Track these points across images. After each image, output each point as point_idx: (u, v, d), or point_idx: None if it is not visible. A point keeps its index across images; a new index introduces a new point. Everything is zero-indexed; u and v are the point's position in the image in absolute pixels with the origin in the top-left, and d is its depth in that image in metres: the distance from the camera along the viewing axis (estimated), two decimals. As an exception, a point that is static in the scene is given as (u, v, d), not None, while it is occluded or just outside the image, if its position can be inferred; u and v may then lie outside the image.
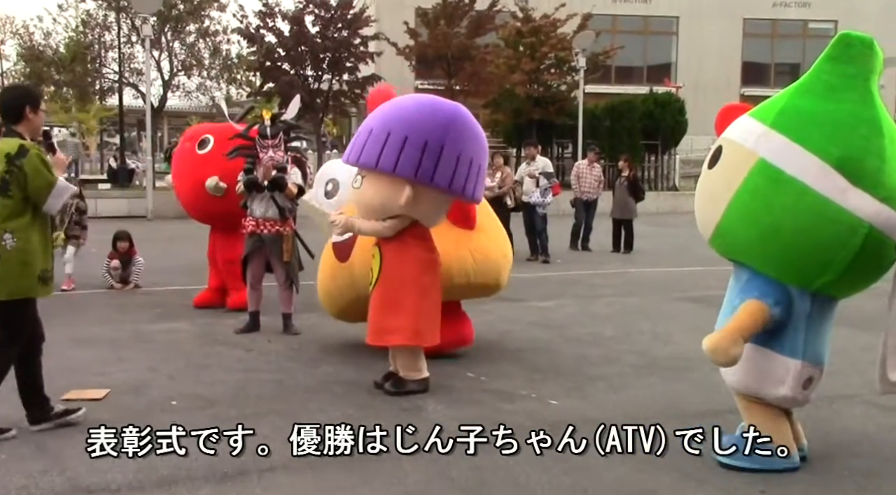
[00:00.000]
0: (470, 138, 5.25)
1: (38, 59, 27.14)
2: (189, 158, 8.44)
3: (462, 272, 6.13)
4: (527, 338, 7.49)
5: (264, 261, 7.44)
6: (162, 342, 7.12)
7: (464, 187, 5.21)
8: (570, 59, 27.71)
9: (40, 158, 4.52)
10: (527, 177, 13.43)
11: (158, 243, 14.31)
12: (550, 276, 11.64)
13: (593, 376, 6.12)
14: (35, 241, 4.54)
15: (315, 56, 26.53)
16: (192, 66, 29.14)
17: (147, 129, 23.59)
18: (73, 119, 37.30)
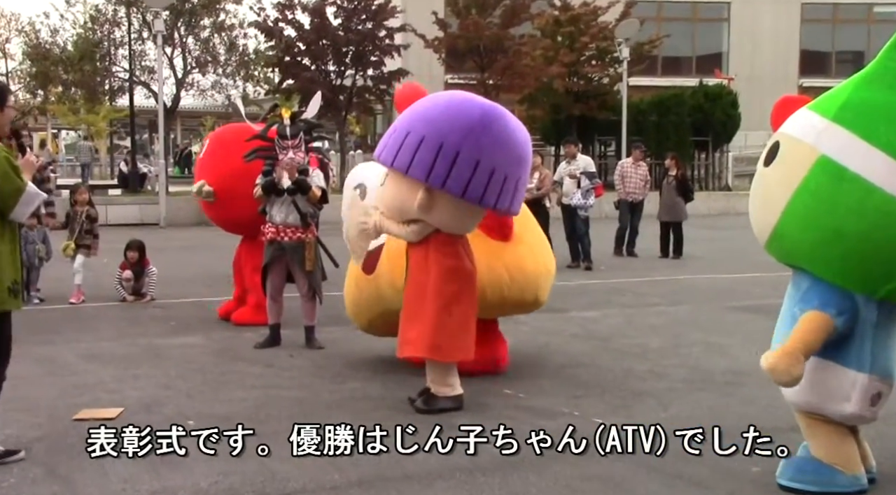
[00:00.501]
0: (495, 146, 5.12)
1: (44, 58, 27.62)
2: None
3: (495, 288, 6.11)
4: (568, 352, 7.47)
5: (285, 270, 7.50)
6: (177, 357, 7.20)
7: (482, 197, 5.18)
8: (612, 50, 27.64)
9: (7, 161, 4.43)
10: (567, 178, 13.40)
11: (172, 252, 14.47)
12: (593, 284, 11.60)
13: (640, 392, 6.10)
14: (4, 251, 4.50)
15: (337, 50, 26.70)
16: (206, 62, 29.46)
17: (159, 131, 23.84)
18: (82, 121, 37.91)
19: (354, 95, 27.48)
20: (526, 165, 5.37)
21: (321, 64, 27.14)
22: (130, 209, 21.21)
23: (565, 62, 27.19)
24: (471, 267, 5.54)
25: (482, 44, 27.55)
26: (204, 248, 15.09)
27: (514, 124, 5.32)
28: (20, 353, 6.82)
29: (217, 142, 8.86)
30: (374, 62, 27.38)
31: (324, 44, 26.78)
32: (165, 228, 19.85)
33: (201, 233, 16.30)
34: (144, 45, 29.33)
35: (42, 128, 41.24)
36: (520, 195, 5.40)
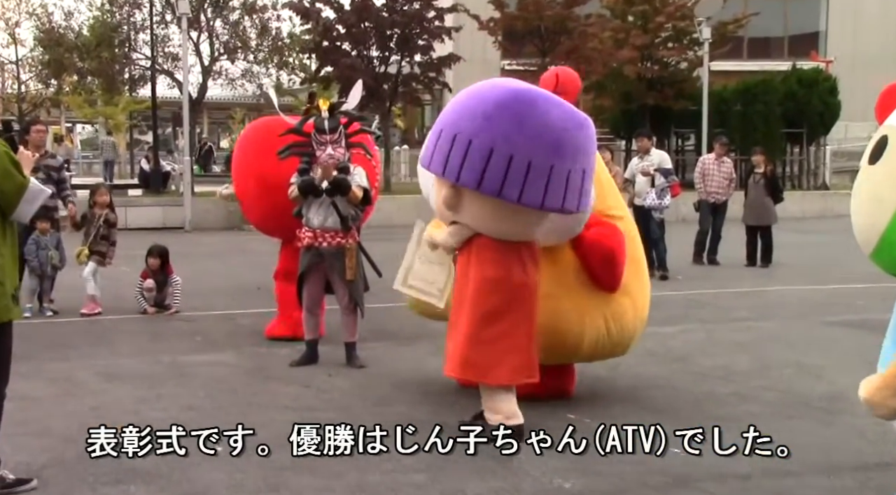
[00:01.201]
0: (513, 130, 5.02)
1: (58, 44, 28.12)
2: None
3: (592, 342, 6.13)
4: (640, 372, 7.42)
5: (323, 279, 7.55)
6: (204, 376, 7.29)
7: (500, 189, 5.12)
8: (691, 31, 27.41)
9: (8, 156, 4.48)
10: (639, 176, 13.33)
11: (199, 259, 14.66)
12: (669, 296, 11.51)
13: (723, 418, 6.01)
14: (7, 255, 4.57)
15: (381, 33, 26.84)
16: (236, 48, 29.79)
17: (184, 124, 24.15)
18: (99, 113, 38.63)
19: (400, 84, 27.59)
20: (563, 153, 5.11)
21: (363, 49, 27.30)
22: (152, 211, 21.52)
23: (637, 45, 27.05)
24: (522, 278, 5.46)
25: (543, 25, 27.51)
26: (234, 255, 15.27)
27: (543, 107, 5.14)
28: (31, 371, 7.01)
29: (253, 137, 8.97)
30: (422, 47, 27.45)
31: (366, 26, 26.94)
32: (191, 233, 20.13)
33: (230, 237, 16.51)
34: (168, 29, 29.76)
35: (55, 121, 42.13)
36: (557, 188, 5.11)
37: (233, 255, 15.30)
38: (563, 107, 5.23)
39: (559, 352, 6.12)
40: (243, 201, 8.83)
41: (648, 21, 27.37)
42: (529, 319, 5.51)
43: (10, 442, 5.08)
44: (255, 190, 8.48)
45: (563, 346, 6.07)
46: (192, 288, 10.92)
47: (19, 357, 4.89)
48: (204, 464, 4.86)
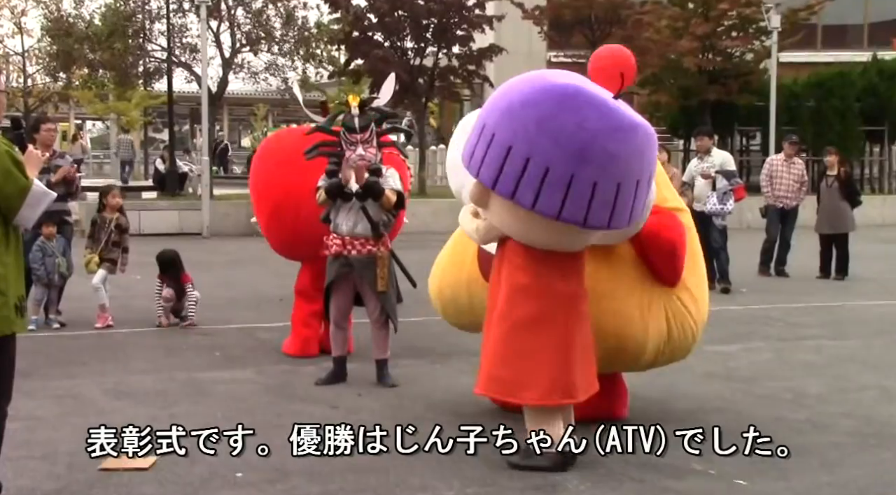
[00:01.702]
0: (533, 129, 4.95)
1: (67, 35, 28.40)
2: None
3: (655, 345, 6.09)
4: (700, 395, 7.38)
5: (352, 290, 7.58)
6: (222, 395, 7.33)
7: (514, 192, 5.02)
8: (758, 18, 27.22)
9: (10, 156, 4.50)
10: (699, 178, 13.26)
11: (217, 268, 14.76)
12: (732, 311, 11.44)
13: (796, 448, 5.96)
14: (10, 264, 4.60)
15: (416, 23, 26.91)
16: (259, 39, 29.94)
17: (203, 121, 24.32)
18: (111, 109, 38.98)
19: (437, 78, 27.64)
20: (588, 161, 4.93)
21: (396, 40, 27.38)
22: (168, 216, 21.70)
23: (698, 34, 26.91)
24: (561, 287, 5.41)
25: (594, 13, 27.48)
26: (255, 263, 15.35)
27: (573, 107, 4.97)
28: (37, 389, 7.09)
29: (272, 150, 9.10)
30: (461, 37, 27.48)
31: (400, 15, 27.02)
32: (209, 239, 20.28)
33: (251, 244, 16.59)
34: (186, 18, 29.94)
35: (64, 117, 42.63)
36: (578, 200, 4.96)
37: (254, 264, 15.38)
38: (603, 109, 4.98)
39: (619, 358, 6.08)
40: (262, 224, 8.97)
41: (710, 8, 27.21)
42: (569, 332, 5.43)
43: (11, 466, 5.13)
44: (272, 216, 8.68)
45: (624, 351, 6.03)
46: (211, 298, 11.00)
47: (23, 373, 4.95)
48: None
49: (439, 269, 6.94)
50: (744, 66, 28.19)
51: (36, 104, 35.79)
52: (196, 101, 31.25)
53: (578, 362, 5.46)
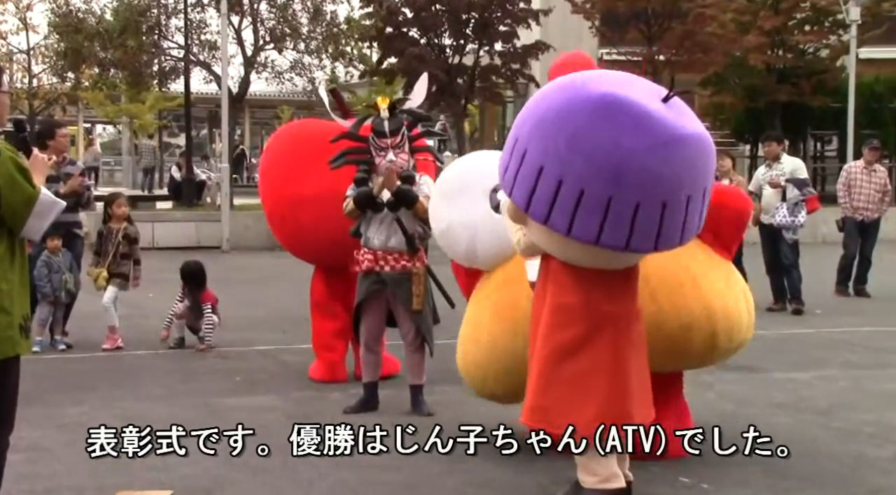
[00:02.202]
0: (567, 147, 4.81)
1: (76, 31, 28.63)
2: None
3: (748, 315, 6.34)
4: (770, 427, 7.20)
5: (385, 310, 7.59)
6: (243, 423, 7.33)
7: (547, 216, 4.94)
8: (834, 10, 27.09)
9: (15, 163, 4.51)
10: (767, 187, 13.18)
11: (237, 285, 14.83)
12: (806, 335, 11.37)
13: (880, 490, 5.92)
14: (14, 281, 4.61)
15: (456, 18, 27.01)
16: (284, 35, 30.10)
17: (223, 125, 24.47)
18: (123, 112, 39.36)
19: (477, 78, 27.69)
20: (627, 182, 4.80)
21: (433, 36, 27.51)
22: (184, 227, 21.88)
23: (767, 29, 26.84)
24: (608, 307, 5.37)
25: (650, 6, 27.44)
26: (278, 280, 15.41)
27: (612, 120, 4.80)
28: (41, 416, 7.14)
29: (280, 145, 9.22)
30: (504, 33, 27.55)
31: (437, 10, 27.14)
32: (229, 253, 20.41)
33: (274, 259, 16.69)
34: (205, 13, 30.13)
35: (73, 121, 43.07)
36: (619, 225, 4.84)
37: (278, 281, 15.44)
38: (643, 121, 4.77)
39: (730, 335, 6.23)
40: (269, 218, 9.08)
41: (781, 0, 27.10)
42: (618, 356, 5.38)
43: (13, 500, 5.16)
44: (280, 205, 8.79)
45: (732, 322, 6.19)
46: (230, 318, 11.04)
47: (27, 399, 4.98)
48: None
49: (482, 337, 6.58)
50: (818, 64, 28.05)
51: (42, 106, 36.16)
52: (215, 102, 31.49)
53: (631, 389, 5.39)
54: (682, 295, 6.04)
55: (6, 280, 4.55)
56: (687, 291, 6.06)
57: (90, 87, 32.90)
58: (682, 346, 6.11)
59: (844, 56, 26.96)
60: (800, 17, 27.89)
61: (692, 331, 6.07)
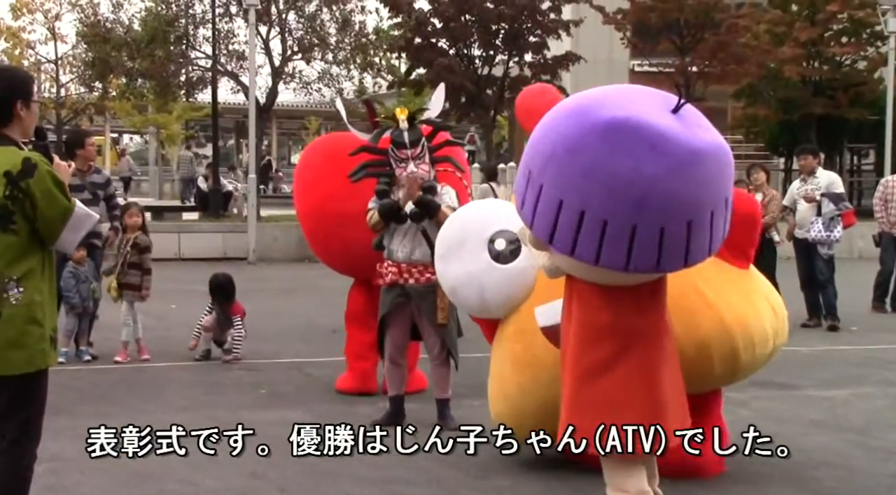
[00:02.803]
0: (585, 178, 4.71)
1: (104, 41, 28.86)
2: None
3: (772, 330, 6.24)
4: (805, 446, 7.23)
5: (409, 323, 7.59)
6: (270, 437, 7.32)
7: (573, 249, 4.83)
8: (872, 22, 26.97)
9: (52, 177, 4.64)
10: (802, 201, 13.11)
11: (264, 297, 14.85)
12: (841, 352, 11.30)
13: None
14: (45, 292, 4.73)
15: (485, 29, 27.07)
16: (312, 46, 30.23)
17: (250, 135, 24.58)
18: (150, 122, 39.59)
19: (507, 89, 27.70)
20: (649, 208, 4.73)
21: (463, 47, 27.57)
22: (211, 239, 21.93)
23: (802, 40, 26.75)
24: (637, 323, 5.34)
25: (683, 17, 27.40)
26: (305, 292, 15.45)
27: (624, 146, 4.69)
28: (66, 428, 7.15)
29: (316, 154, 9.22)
30: (535, 44, 27.59)
31: (467, 20, 27.21)
32: (255, 264, 20.45)
33: (301, 271, 16.74)
34: (233, 23, 30.29)
35: (100, 131, 43.36)
36: (647, 249, 4.80)
37: (305, 292, 15.47)
38: (658, 143, 4.67)
39: (751, 352, 6.17)
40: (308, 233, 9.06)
41: (817, 10, 27.03)
42: (652, 371, 5.34)
43: (37, 513, 5.17)
44: (322, 220, 8.76)
45: (752, 340, 6.13)
46: (256, 330, 11.06)
47: (51, 410, 4.99)
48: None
49: (508, 389, 6.57)
50: (855, 76, 27.91)
51: (69, 116, 36.44)
52: (242, 113, 31.62)
53: (666, 402, 5.36)
54: (692, 314, 5.96)
55: (39, 291, 4.66)
56: (698, 310, 6.00)
57: (117, 96, 33.12)
58: (704, 367, 6.04)
59: (882, 68, 26.80)
60: (836, 29, 27.77)
61: (710, 349, 6.02)
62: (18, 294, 4.62)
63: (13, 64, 32.65)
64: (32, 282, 4.64)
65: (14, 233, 4.61)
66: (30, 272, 4.64)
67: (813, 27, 26.97)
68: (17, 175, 4.59)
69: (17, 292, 4.62)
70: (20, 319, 4.62)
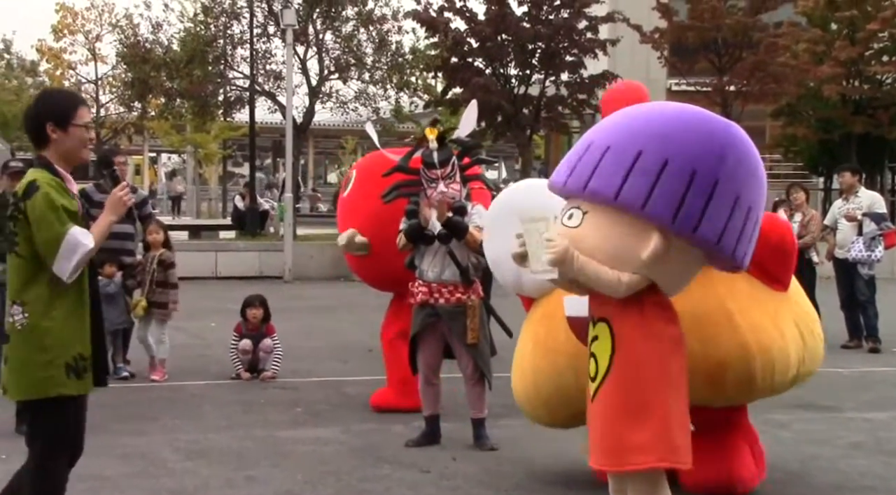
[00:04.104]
0: (750, 175, 4.98)
1: (143, 61, 29.11)
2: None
3: (797, 358, 6.16)
4: (845, 469, 7.19)
5: (441, 343, 7.57)
6: (304, 456, 7.36)
7: (735, 248, 5.03)
8: (915, 40, 26.83)
9: (48, 200, 4.61)
10: (843, 221, 13.01)
11: (300, 315, 14.89)
12: (883, 373, 11.19)
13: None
14: (58, 317, 4.67)
15: (521, 48, 27.07)
16: (349, 65, 30.36)
17: (287, 154, 24.68)
18: (188, 141, 39.88)
19: (543, 108, 27.69)
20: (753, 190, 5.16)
21: (499, 66, 27.57)
22: (247, 257, 22.00)
23: (842, 59, 26.57)
24: (672, 331, 5.35)
25: (721, 36, 27.31)
26: (341, 310, 15.47)
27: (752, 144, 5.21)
28: (102, 446, 7.18)
29: (366, 173, 9.13)
30: (571, 64, 27.55)
31: (503, 40, 27.22)
32: (291, 283, 20.51)
33: (337, 289, 16.78)
34: (270, 43, 30.49)
35: (138, 150, 43.73)
36: (754, 243, 5.18)
37: (340, 311, 15.50)
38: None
39: (769, 377, 6.09)
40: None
41: (857, 29, 26.84)
42: (681, 380, 5.32)
43: (75, 530, 5.19)
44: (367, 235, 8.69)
45: (772, 367, 6.05)
46: (292, 348, 11.09)
47: (89, 427, 5.00)
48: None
49: (525, 368, 6.63)
50: (896, 95, 27.70)
51: (109, 136, 36.79)
52: (280, 132, 31.76)
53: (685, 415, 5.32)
54: (714, 334, 5.91)
55: (49, 317, 4.64)
56: (722, 330, 5.92)
57: (156, 116, 33.39)
58: (716, 386, 5.98)
59: (924, 87, 26.67)
60: (877, 48, 27.58)
61: (726, 370, 5.95)
62: (23, 319, 4.63)
63: (58, 86, 33.07)
64: (39, 308, 4.63)
65: (20, 256, 4.65)
66: (37, 298, 4.63)
67: (853, 46, 26.78)
68: (19, 198, 4.64)
69: (21, 317, 4.64)
70: (22, 344, 4.64)
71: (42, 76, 40.81)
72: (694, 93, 29.08)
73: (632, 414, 5.19)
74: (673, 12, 27.92)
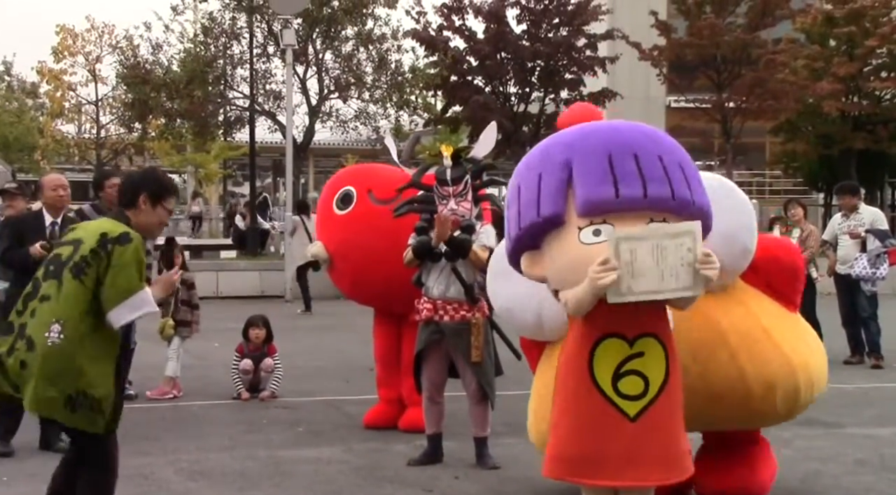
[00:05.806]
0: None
1: (143, 82, 29.17)
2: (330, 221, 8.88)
3: (821, 378, 6.22)
4: (849, 486, 7.17)
5: (445, 360, 7.56)
6: (306, 475, 7.34)
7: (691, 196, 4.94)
8: (913, 56, 26.90)
9: (137, 256, 5.01)
10: (846, 237, 12.97)
11: (302, 334, 14.89)
12: (885, 389, 11.17)
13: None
14: (86, 353, 4.94)
15: (521, 66, 27.14)
16: (348, 84, 30.42)
17: (287, 174, 24.68)
18: (188, 161, 39.90)
19: (543, 125, 27.74)
20: None
21: (498, 84, 27.63)
22: (248, 277, 22.07)
23: (841, 75, 26.63)
24: None
25: (720, 53, 27.37)
26: (342, 329, 15.45)
27: None
28: (106, 464, 7.17)
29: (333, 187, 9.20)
30: (571, 81, 27.63)
31: (502, 58, 27.30)
32: (292, 302, 20.48)
33: (338, 308, 16.73)
34: (270, 63, 30.57)
35: (139, 171, 43.62)
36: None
37: (342, 330, 15.47)
38: None
39: (791, 397, 6.08)
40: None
41: (856, 45, 26.91)
42: None
43: (76, 552, 5.17)
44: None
45: (794, 385, 6.05)
46: (294, 368, 11.08)
47: (91, 448, 5.00)
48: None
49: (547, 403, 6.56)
50: (895, 111, 27.72)
51: (109, 156, 36.82)
52: (280, 151, 31.78)
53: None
54: (761, 353, 5.94)
55: (80, 347, 4.93)
56: (766, 349, 5.96)
57: (157, 137, 33.48)
58: (768, 404, 5.98)
59: (923, 103, 26.72)
60: (876, 64, 27.64)
61: (776, 388, 5.95)
62: (58, 339, 4.87)
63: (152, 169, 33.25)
64: (76, 336, 4.90)
65: (82, 282, 4.94)
66: (77, 326, 4.91)
67: (852, 62, 26.85)
68: (111, 238, 4.99)
69: (56, 336, 4.88)
70: (42, 360, 4.86)
71: (42, 98, 40.92)
72: (693, 110, 29.18)
73: (681, 423, 5.22)
74: (672, 29, 28.03)
